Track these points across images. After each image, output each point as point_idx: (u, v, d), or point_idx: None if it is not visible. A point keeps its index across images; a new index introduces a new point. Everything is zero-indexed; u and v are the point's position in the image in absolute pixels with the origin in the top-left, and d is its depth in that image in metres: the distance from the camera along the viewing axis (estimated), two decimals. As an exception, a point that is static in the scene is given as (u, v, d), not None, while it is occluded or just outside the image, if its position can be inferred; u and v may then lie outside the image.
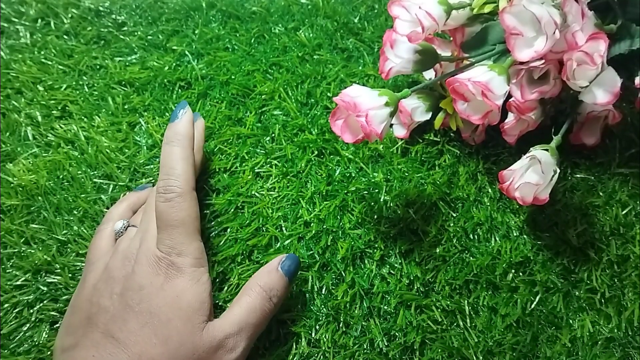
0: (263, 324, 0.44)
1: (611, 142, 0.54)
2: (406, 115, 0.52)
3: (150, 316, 0.41)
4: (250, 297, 0.43)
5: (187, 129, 0.49)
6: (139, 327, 0.40)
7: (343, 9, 0.66)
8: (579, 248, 0.49)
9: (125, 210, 0.50)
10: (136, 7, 0.68)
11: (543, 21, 0.42)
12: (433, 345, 0.45)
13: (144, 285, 0.42)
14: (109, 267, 0.44)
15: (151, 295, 0.41)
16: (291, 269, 0.46)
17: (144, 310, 0.41)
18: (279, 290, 0.44)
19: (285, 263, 0.45)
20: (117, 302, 0.41)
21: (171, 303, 0.41)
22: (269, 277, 0.45)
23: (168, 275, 0.42)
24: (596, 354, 0.44)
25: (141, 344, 0.40)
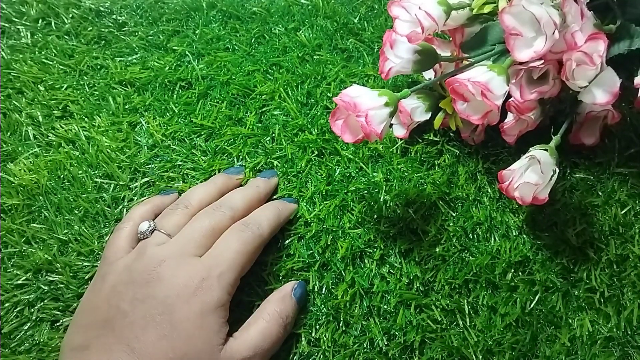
0: (274, 349, 0.44)
1: (610, 142, 0.54)
2: (406, 115, 0.52)
3: (170, 329, 0.40)
4: (266, 322, 0.44)
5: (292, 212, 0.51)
6: (157, 339, 0.40)
7: (343, 9, 0.67)
8: (578, 247, 0.49)
9: (149, 212, 0.49)
10: (137, 7, 0.68)
11: (542, 21, 0.42)
12: (433, 344, 0.45)
13: (170, 295, 0.41)
14: (132, 269, 0.43)
15: (175, 307, 0.41)
16: (302, 297, 0.47)
17: (165, 321, 0.40)
18: (292, 317, 0.45)
19: (298, 290, 0.46)
20: (137, 309, 0.41)
21: (194, 319, 0.41)
22: (284, 304, 0.45)
23: (199, 289, 0.42)
24: (595, 353, 0.45)
25: (156, 356, 0.39)
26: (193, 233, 0.45)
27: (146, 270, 0.43)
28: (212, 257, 0.44)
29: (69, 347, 0.41)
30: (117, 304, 0.41)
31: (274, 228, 0.48)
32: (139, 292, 0.41)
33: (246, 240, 0.45)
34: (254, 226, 0.46)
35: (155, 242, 0.45)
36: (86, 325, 0.42)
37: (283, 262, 0.49)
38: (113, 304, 0.41)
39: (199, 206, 0.48)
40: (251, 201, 0.49)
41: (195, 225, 0.46)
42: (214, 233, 0.46)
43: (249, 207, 0.49)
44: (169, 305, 0.41)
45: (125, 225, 0.47)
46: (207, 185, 0.51)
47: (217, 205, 0.48)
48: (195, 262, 0.43)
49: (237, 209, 0.48)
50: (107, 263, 0.45)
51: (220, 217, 0.47)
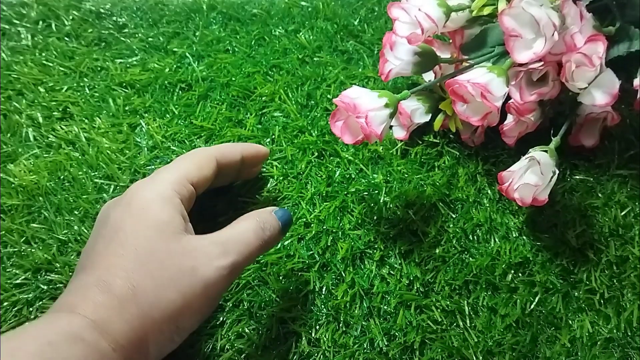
0: (254, 249, 0.41)
1: (610, 144, 0.54)
2: (406, 116, 0.52)
3: (115, 232, 0.39)
4: (245, 222, 0.42)
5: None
6: (104, 247, 0.38)
7: (343, 11, 0.67)
8: (578, 249, 0.49)
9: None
10: (137, 9, 0.68)
11: (542, 23, 0.43)
12: (433, 345, 0.45)
13: (109, 206, 0.41)
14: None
15: (116, 214, 0.40)
16: (284, 218, 0.44)
17: (109, 229, 0.39)
18: (273, 228, 0.42)
19: (279, 212, 0.44)
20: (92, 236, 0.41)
21: (135, 216, 0.39)
22: (265, 215, 0.43)
23: (137, 188, 0.41)
24: (595, 355, 0.45)
25: (107, 259, 0.38)
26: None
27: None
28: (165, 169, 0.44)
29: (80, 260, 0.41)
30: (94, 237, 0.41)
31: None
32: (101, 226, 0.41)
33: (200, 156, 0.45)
34: None
35: None
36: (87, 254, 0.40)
37: (283, 262, 0.49)
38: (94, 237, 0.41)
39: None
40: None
41: None
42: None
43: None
44: (112, 216, 0.40)
45: None
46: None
47: None
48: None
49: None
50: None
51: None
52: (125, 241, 0.38)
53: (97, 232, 0.41)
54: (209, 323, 0.46)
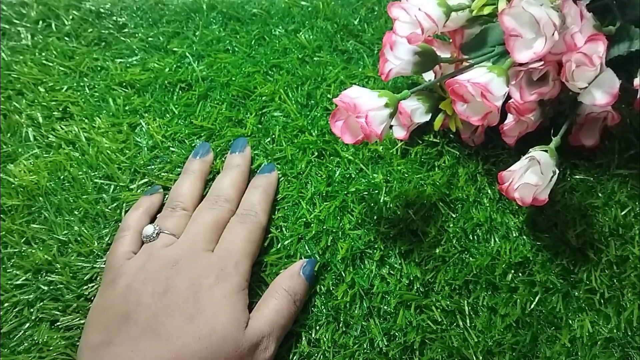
0: (289, 325, 0.46)
1: (610, 144, 0.54)
2: (406, 116, 0.52)
3: (195, 312, 0.41)
4: (276, 299, 0.45)
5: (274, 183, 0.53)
6: (184, 323, 0.41)
7: (343, 11, 0.67)
8: (578, 249, 0.49)
9: (142, 215, 0.50)
10: (137, 8, 0.68)
11: (542, 23, 0.43)
12: (433, 345, 0.45)
13: (192, 285, 0.43)
14: (146, 269, 0.44)
15: (199, 294, 0.42)
16: (311, 274, 0.48)
17: (190, 306, 0.42)
18: (301, 294, 0.46)
19: (307, 268, 0.47)
20: (159, 300, 0.42)
21: (218, 301, 0.42)
22: (292, 281, 0.46)
23: (220, 277, 0.44)
24: (595, 354, 0.45)
25: (184, 338, 0.40)
26: (199, 229, 0.47)
27: (162, 268, 0.44)
28: (224, 249, 0.46)
29: (88, 347, 0.42)
30: (137, 299, 0.42)
31: (267, 210, 0.51)
32: (159, 287, 0.43)
33: (250, 229, 0.48)
34: (252, 215, 0.49)
35: (162, 244, 0.47)
36: (104, 324, 0.42)
37: (283, 262, 0.49)
38: (132, 300, 0.42)
39: (193, 203, 0.51)
40: (239, 183, 0.52)
41: (199, 222, 0.48)
42: (218, 227, 0.48)
43: (239, 191, 0.52)
44: (192, 293, 0.42)
45: (124, 233, 0.48)
46: (189, 178, 0.52)
47: (213, 200, 0.50)
48: (210, 256, 0.45)
49: (232, 199, 0.50)
50: (113, 269, 0.45)
51: (220, 211, 0.49)
52: (204, 326, 0.41)
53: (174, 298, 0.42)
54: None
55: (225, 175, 0.53)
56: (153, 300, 0.42)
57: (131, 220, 0.50)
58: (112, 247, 0.48)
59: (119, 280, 0.44)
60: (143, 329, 0.41)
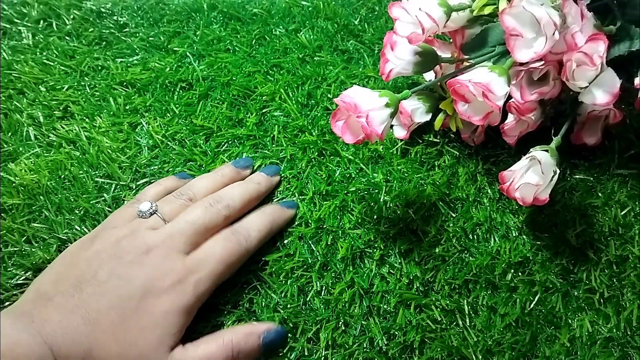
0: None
1: (610, 144, 0.54)
2: (406, 116, 0.52)
3: (132, 314, 0.41)
4: (216, 347, 0.42)
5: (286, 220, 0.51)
6: (116, 319, 0.40)
7: (343, 10, 0.67)
8: (578, 248, 0.49)
9: (161, 193, 0.50)
10: (138, 8, 0.68)
11: (542, 22, 0.43)
12: (432, 344, 0.45)
13: (144, 284, 0.42)
14: (120, 245, 0.44)
15: (145, 297, 0.41)
16: (272, 345, 0.45)
17: (131, 306, 0.41)
18: (246, 357, 0.43)
19: (269, 336, 0.44)
20: (111, 283, 0.41)
21: (157, 315, 0.41)
22: (245, 341, 0.43)
23: (173, 289, 0.42)
24: (595, 354, 0.45)
25: (109, 334, 0.40)
26: (185, 227, 0.45)
27: (132, 252, 0.43)
28: (194, 261, 0.44)
29: (35, 289, 0.42)
30: (95, 270, 0.42)
31: (263, 239, 0.48)
32: (118, 269, 0.42)
33: (231, 252, 0.45)
34: (242, 237, 0.47)
35: (149, 225, 0.45)
36: (59, 274, 0.43)
37: (283, 262, 0.49)
38: (92, 268, 0.42)
39: (202, 197, 0.49)
40: (250, 199, 0.50)
41: (189, 218, 0.46)
42: (205, 231, 0.46)
43: (246, 205, 0.49)
44: (141, 293, 0.41)
45: (136, 203, 0.48)
46: (214, 177, 0.51)
47: (216, 200, 0.48)
48: (178, 261, 0.43)
49: (234, 208, 0.48)
50: (104, 227, 0.46)
51: (215, 215, 0.47)
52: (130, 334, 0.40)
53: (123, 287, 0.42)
54: (209, 323, 0.46)
55: (240, 185, 0.51)
56: (107, 279, 0.42)
57: (150, 193, 0.49)
58: (120, 208, 0.49)
59: (97, 241, 0.44)
60: (82, 304, 0.40)
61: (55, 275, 0.43)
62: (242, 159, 0.54)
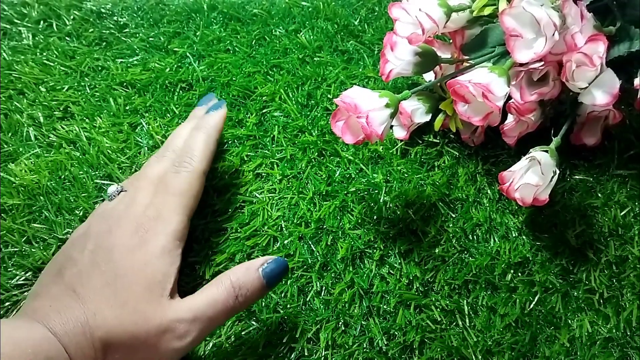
0: (221, 320, 0.42)
1: (610, 144, 0.54)
2: (406, 116, 0.52)
3: (114, 277, 0.41)
4: (217, 289, 0.42)
5: (219, 123, 0.51)
6: (100, 286, 0.40)
7: (343, 11, 0.67)
8: (577, 249, 0.49)
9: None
10: (138, 9, 0.68)
11: (542, 23, 0.43)
12: (432, 344, 0.45)
13: (116, 245, 0.42)
14: (89, 224, 0.45)
15: (120, 257, 0.42)
16: (272, 274, 0.43)
17: (110, 270, 0.41)
18: (249, 291, 0.42)
19: (269, 266, 0.43)
20: (86, 258, 0.42)
21: (137, 268, 0.41)
22: (244, 275, 0.42)
23: (143, 239, 0.43)
24: (595, 354, 0.45)
25: (98, 302, 0.40)
26: (142, 182, 0.47)
27: (99, 223, 0.44)
28: (154, 207, 0.45)
29: (29, 295, 0.43)
30: (70, 254, 0.43)
31: (208, 156, 0.49)
32: (90, 243, 0.43)
33: (184, 179, 0.46)
34: (187, 163, 0.47)
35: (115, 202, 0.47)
36: (44, 275, 0.44)
37: (283, 262, 0.49)
38: (67, 255, 0.43)
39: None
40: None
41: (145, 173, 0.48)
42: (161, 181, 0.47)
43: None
44: (115, 255, 0.42)
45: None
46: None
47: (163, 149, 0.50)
48: (141, 214, 0.44)
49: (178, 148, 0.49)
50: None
51: (167, 163, 0.48)
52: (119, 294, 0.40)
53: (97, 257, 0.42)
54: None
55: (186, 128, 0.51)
56: (81, 256, 0.42)
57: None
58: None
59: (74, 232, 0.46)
60: (66, 286, 0.41)
61: (41, 276, 0.44)
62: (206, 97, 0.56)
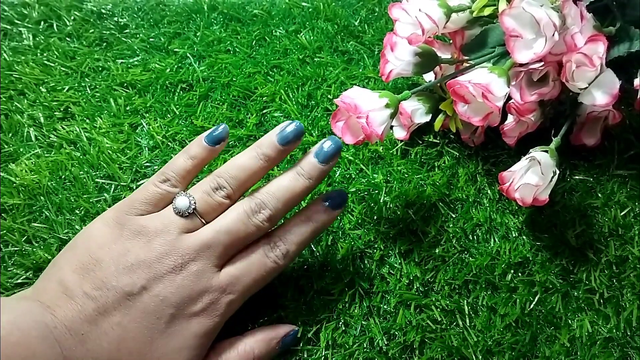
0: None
1: (610, 144, 0.54)
2: (406, 117, 0.52)
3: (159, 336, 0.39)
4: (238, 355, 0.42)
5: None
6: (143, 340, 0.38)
7: (344, 12, 0.67)
8: (577, 249, 0.49)
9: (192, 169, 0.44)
10: (138, 9, 0.68)
11: (542, 23, 0.43)
12: (432, 344, 0.45)
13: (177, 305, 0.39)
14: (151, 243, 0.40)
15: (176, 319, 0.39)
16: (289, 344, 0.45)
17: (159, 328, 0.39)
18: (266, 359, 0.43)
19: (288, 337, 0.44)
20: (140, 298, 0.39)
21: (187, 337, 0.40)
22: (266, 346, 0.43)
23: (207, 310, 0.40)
24: (595, 354, 0.45)
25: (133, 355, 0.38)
26: (224, 238, 0.41)
27: (166, 264, 0.39)
28: (229, 279, 0.41)
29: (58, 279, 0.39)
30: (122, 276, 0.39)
31: (300, 252, 0.44)
32: (150, 283, 0.39)
33: (267, 271, 0.42)
34: (281, 253, 0.42)
35: (186, 226, 0.41)
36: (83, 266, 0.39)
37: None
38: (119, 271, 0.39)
39: (240, 192, 0.43)
40: (296, 199, 0.43)
41: (228, 228, 0.41)
42: (242, 243, 0.42)
43: (291, 206, 0.43)
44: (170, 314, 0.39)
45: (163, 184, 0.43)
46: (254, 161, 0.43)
47: (258, 206, 0.42)
48: (213, 279, 0.40)
49: (277, 217, 0.43)
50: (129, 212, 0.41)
51: (255, 229, 0.42)
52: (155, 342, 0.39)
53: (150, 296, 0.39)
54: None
55: (287, 180, 0.43)
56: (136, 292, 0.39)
57: (177, 166, 0.43)
58: (145, 186, 0.43)
59: (125, 233, 0.40)
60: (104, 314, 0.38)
61: (79, 264, 0.39)
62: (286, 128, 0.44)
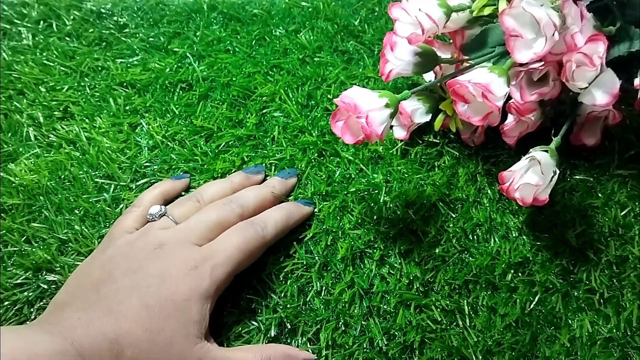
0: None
1: (610, 144, 0.54)
2: (406, 116, 0.52)
3: (153, 302, 0.41)
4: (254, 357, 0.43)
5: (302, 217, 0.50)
6: (139, 307, 0.40)
7: (343, 11, 0.67)
8: (578, 249, 0.49)
9: (158, 196, 0.50)
10: (138, 9, 0.68)
11: (542, 23, 0.43)
12: (432, 344, 0.45)
13: (161, 273, 0.42)
14: (133, 245, 0.44)
15: (164, 284, 0.42)
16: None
17: (151, 293, 0.41)
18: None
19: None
20: (127, 277, 0.42)
21: (178, 301, 0.41)
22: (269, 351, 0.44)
23: (190, 274, 0.42)
24: (595, 354, 0.45)
25: (133, 322, 0.40)
26: (198, 224, 0.46)
27: (146, 248, 0.44)
28: (210, 248, 0.44)
29: (52, 303, 0.43)
30: (110, 271, 0.42)
31: (280, 231, 0.48)
32: (134, 264, 0.43)
33: (248, 239, 0.45)
34: (259, 226, 0.46)
35: (160, 225, 0.46)
36: (75, 286, 0.43)
37: (283, 262, 0.49)
38: (106, 270, 0.43)
39: (210, 201, 0.49)
40: (264, 201, 0.50)
41: (201, 217, 0.46)
42: (219, 227, 0.46)
43: (260, 206, 0.49)
44: (159, 281, 0.42)
45: (134, 209, 0.49)
46: (223, 183, 0.51)
47: (228, 200, 0.48)
48: (193, 249, 0.44)
49: (247, 207, 0.48)
50: (110, 239, 0.46)
51: (228, 212, 0.47)
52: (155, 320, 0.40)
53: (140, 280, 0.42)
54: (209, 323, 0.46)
55: (254, 188, 0.51)
56: (122, 275, 0.42)
57: (146, 198, 0.50)
58: (120, 218, 0.48)
59: (107, 250, 0.45)
60: (100, 299, 0.41)
61: (71, 287, 0.43)
62: (253, 166, 0.54)
